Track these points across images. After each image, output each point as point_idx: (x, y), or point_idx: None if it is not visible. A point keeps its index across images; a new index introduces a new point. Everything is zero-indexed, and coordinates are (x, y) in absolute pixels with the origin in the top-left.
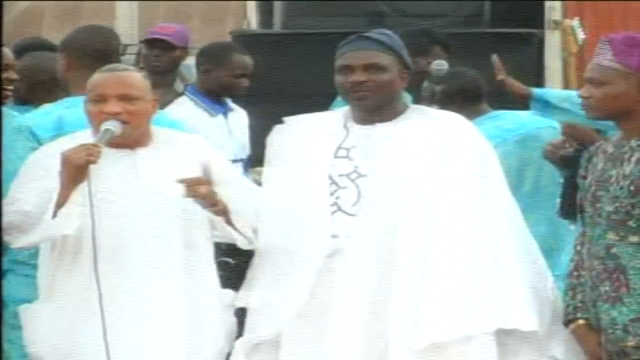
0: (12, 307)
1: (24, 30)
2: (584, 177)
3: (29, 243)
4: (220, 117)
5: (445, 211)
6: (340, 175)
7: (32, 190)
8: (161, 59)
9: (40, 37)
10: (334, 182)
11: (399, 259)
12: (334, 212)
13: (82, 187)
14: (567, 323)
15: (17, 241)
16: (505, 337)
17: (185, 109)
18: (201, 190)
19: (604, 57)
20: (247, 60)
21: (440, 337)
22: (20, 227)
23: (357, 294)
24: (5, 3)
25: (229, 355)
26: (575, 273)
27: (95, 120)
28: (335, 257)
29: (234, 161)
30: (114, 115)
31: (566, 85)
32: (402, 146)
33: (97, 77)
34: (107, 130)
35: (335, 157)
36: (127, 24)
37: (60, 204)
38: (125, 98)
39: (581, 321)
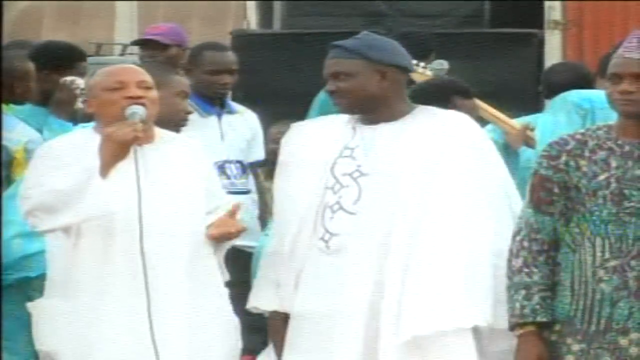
0: None
1: (24, 30)
2: (569, 177)
3: (61, 224)
4: (213, 118)
5: (438, 211)
6: (344, 175)
7: (62, 173)
8: (157, 60)
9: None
10: (337, 182)
11: (392, 258)
12: (337, 210)
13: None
14: (515, 326)
15: (44, 223)
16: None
17: None
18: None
19: None
20: (224, 56)
21: (418, 330)
22: (52, 208)
23: (356, 292)
24: (5, 3)
25: None
26: (525, 270)
27: (114, 106)
28: (337, 255)
29: (226, 162)
30: (137, 100)
31: None
32: (404, 146)
33: (111, 68)
34: (134, 113)
35: (341, 156)
36: (127, 24)
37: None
38: (143, 86)
39: (532, 327)
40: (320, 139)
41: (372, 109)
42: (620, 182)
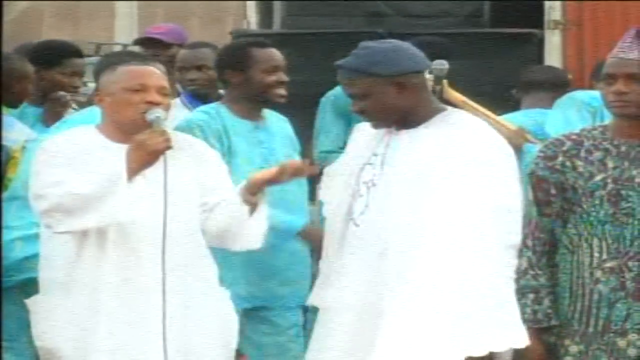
0: None
1: (24, 30)
2: (565, 177)
3: (81, 227)
4: None
5: (432, 229)
6: (363, 183)
7: (82, 175)
8: (159, 59)
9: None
10: (358, 190)
11: (383, 275)
12: (349, 220)
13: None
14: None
15: (62, 225)
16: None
17: (173, 110)
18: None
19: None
20: (192, 53)
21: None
22: (71, 211)
23: (345, 306)
24: (5, 3)
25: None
26: (531, 272)
27: (132, 108)
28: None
29: None
30: (157, 105)
31: None
32: (412, 157)
33: (133, 68)
34: (157, 117)
35: (368, 163)
36: (126, 24)
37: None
38: (162, 91)
39: (531, 330)
40: (361, 144)
41: (402, 118)
42: (617, 183)
